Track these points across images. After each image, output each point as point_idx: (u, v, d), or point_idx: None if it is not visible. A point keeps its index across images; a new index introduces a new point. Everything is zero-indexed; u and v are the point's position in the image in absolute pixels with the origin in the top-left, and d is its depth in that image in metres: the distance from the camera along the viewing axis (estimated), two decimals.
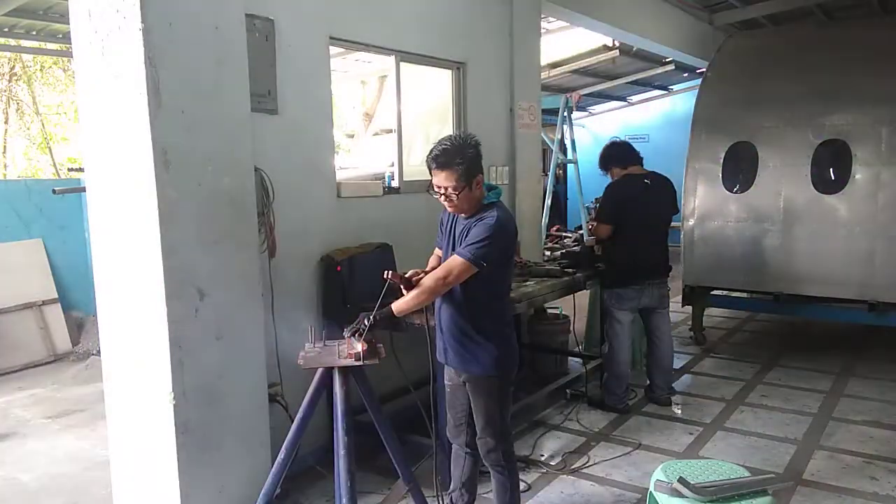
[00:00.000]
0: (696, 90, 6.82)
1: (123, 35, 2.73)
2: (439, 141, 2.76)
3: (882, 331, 6.08)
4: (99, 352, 3.90)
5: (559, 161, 8.95)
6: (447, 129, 5.01)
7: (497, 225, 2.67)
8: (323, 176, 3.98)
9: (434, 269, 2.94)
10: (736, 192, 6.11)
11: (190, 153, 2.85)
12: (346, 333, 2.66)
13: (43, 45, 7.65)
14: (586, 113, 14.08)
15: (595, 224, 4.85)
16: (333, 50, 4.12)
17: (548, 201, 8.00)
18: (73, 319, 6.72)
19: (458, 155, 2.67)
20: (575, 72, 10.00)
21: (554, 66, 9.51)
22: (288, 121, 3.69)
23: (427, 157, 2.75)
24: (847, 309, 5.85)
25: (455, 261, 2.66)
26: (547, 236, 7.10)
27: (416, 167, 4.65)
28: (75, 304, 6.82)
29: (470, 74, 5.05)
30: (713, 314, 7.28)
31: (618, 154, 4.73)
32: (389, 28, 4.38)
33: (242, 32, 3.08)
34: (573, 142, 9.11)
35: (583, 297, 5.55)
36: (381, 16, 4.31)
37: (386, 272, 2.70)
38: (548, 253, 5.73)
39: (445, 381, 3.06)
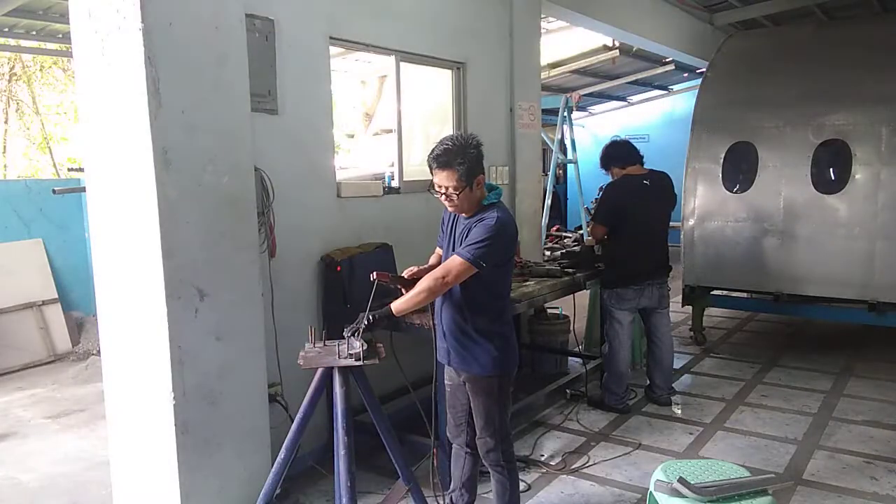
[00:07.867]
0: (696, 90, 6.82)
1: (123, 35, 2.73)
2: (441, 140, 2.75)
3: (882, 331, 6.07)
4: (99, 352, 3.90)
5: (559, 161, 8.94)
6: (447, 129, 5.01)
7: (497, 226, 2.67)
8: (323, 176, 3.98)
9: (433, 265, 2.94)
10: (736, 192, 6.11)
11: (190, 153, 2.85)
12: (346, 333, 2.66)
13: (43, 45, 7.64)
14: (586, 113, 14.07)
15: (591, 225, 4.86)
16: (333, 50, 4.12)
17: (548, 201, 7.98)
18: (73, 319, 6.72)
19: (460, 155, 2.67)
20: (575, 72, 10.00)
21: (554, 66, 9.51)
22: (288, 121, 3.69)
23: (428, 156, 2.75)
24: (847, 309, 5.85)
25: (455, 261, 2.66)
26: (547, 236, 7.08)
27: (416, 167, 4.65)
28: (75, 304, 6.82)
29: (470, 74, 5.05)
30: (713, 314, 7.28)
31: (618, 154, 4.74)
32: (389, 28, 4.38)
33: (242, 32, 3.08)
34: (573, 142, 9.10)
35: (583, 297, 5.55)
36: (381, 16, 4.32)
37: (372, 274, 2.70)
38: (548, 253, 5.71)
39: (445, 381, 3.06)
